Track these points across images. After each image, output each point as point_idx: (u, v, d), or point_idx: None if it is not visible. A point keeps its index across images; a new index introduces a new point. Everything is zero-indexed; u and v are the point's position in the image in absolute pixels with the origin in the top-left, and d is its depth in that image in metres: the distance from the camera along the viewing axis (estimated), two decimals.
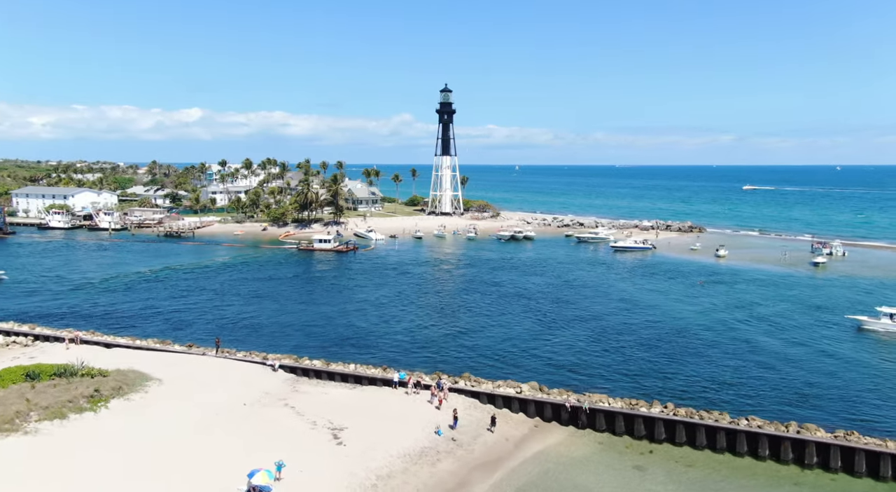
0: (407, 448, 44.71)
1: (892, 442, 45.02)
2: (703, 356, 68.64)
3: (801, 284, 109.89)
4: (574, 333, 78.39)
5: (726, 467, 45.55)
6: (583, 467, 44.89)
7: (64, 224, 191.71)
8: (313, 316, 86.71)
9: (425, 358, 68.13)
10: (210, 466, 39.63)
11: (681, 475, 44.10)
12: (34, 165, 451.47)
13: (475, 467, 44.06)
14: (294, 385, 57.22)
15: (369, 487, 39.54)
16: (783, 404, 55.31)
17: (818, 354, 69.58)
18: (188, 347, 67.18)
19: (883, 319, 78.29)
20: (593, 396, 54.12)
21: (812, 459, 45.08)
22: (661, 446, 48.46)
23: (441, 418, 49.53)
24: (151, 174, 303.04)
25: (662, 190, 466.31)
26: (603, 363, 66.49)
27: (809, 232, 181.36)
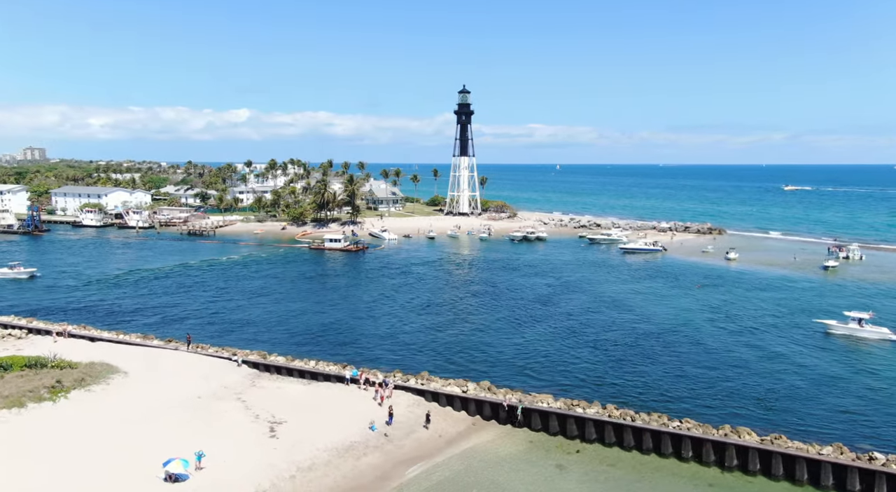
0: (336, 442, 46.75)
1: (812, 447, 45.21)
2: (661, 360, 68.81)
3: (803, 288, 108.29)
4: (549, 334, 79.35)
5: (649, 467, 46.35)
6: (505, 465, 46.23)
7: (96, 222, 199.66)
8: (301, 313, 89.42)
9: (398, 356, 69.95)
10: (138, 454, 42.25)
11: (599, 475, 45.12)
12: (84, 165, 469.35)
13: (400, 462, 45.80)
14: (254, 380, 59.82)
15: (287, 478, 41.67)
16: (725, 407, 55.68)
17: (776, 358, 69.26)
18: (167, 341, 70.45)
19: (850, 323, 77.62)
20: (538, 396, 55.28)
21: (732, 461, 45.59)
22: (591, 446, 49.44)
23: (379, 414, 51.44)
24: (187, 174, 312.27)
25: (696, 190, 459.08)
26: (564, 364, 67.46)
27: (835, 235, 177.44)
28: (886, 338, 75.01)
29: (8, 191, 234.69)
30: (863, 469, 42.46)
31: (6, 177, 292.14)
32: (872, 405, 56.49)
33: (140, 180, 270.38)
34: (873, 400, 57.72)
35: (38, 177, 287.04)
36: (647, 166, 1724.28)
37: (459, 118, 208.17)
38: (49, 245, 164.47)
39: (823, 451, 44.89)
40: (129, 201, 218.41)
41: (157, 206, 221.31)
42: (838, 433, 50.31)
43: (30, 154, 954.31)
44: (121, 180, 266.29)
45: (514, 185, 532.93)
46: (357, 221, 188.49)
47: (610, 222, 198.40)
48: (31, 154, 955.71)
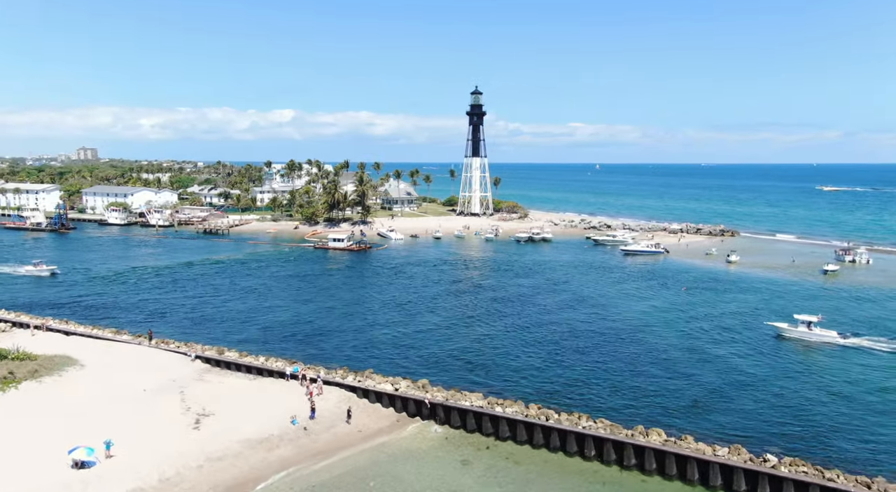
0: (253, 434, 49.17)
1: (711, 447, 45.87)
2: (607, 360, 69.81)
3: (791, 292, 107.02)
4: (510, 333, 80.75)
5: (552, 465, 47.60)
6: (411, 459, 48.00)
7: (120, 221, 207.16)
8: (280, 311, 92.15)
9: (359, 353, 72.21)
10: (61, 443, 45.09)
11: (499, 470, 46.55)
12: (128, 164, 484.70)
13: (311, 455, 47.96)
14: (202, 375, 62.73)
15: (194, 467, 44.21)
16: (648, 407, 56.54)
17: (715, 360, 69.85)
18: (136, 337, 73.92)
19: (800, 327, 77.57)
20: (469, 394, 56.79)
21: (630, 461, 46.60)
22: (504, 444, 50.87)
23: (306, 409, 53.69)
24: (215, 173, 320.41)
25: (729, 190, 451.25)
26: (514, 363, 68.83)
27: (849, 238, 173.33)
28: (833, 341, 74.88)
29: (42, 190, 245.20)
30: (748, 470, 43.12)
31: (51, 177, 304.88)
32: (795, 407, 56.80)
33: (169, 180, 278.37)
34: (795, 402, 58.11)
35: (74, 177, 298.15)
36: (690, 166, 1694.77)
37: (471, 119, 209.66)
38: (72, 242, 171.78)
39: (719, 452, 45.59)
40: (153, 201, 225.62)
41: (181, 205, 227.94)
42: (746, 434, 51.00)
43: (83, 154, 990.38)
44: (150, 180, 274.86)
45: (542, 184, 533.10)
46: (367, 220, 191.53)
47: (621, 224, 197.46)
48: (84, 154, 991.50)
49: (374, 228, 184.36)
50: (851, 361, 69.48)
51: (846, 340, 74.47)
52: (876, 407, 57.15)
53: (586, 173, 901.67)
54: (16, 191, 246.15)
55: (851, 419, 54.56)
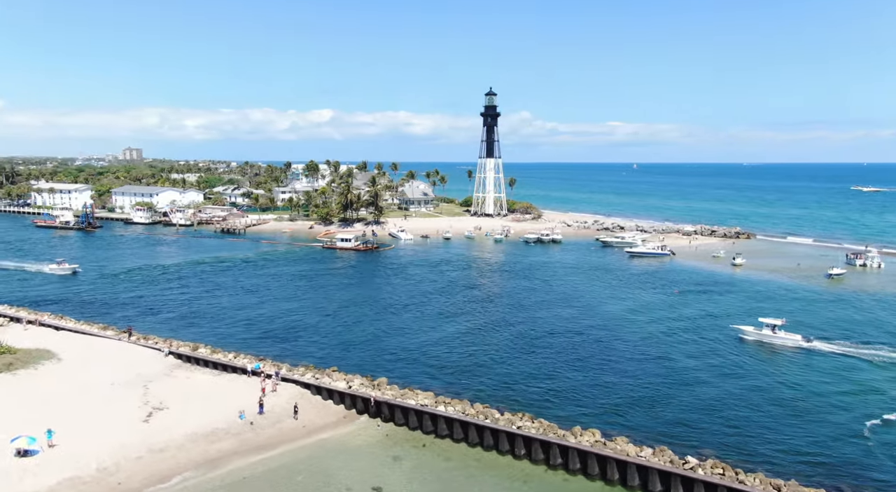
0: (200, 428, 51.50)
1: (640, 449, 46.64)
2: (572, 361, 70.72)
3: (787, 296, 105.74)
4: (485, 334, 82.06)
5: (482, 463, 48.91)
6: (346, 454, 49.74)
7: (144, 220, 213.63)
8: (274, 310, 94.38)
9: (333, 352, 74.21)
10: (13, 432, 48.06)
11: (428, 467, 48.02)
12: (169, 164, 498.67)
13: (252, 448, 50.05)
14: (172, 370, 65.46)
15: (133, 458, 46.65)
16: (596, 408, 57.41)
17: (673, 363, 70.53)
18: (121, 332, 77.07)
19: (764, 330, 77.56)
20: (421, 393, 58.31)
21: (556, 460, 47.65)
22: (442, 441, 52.31)
23: (257, 404, 55.85)
24: (243, 174, 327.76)
25: (761, 191, 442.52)
26: (480, 362, 70.21)
27: (866, 241, 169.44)
28: (797, 345, 74.77)
29: (75, 190, 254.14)
30: (662, 471, 43.87)
31: (86, 177, 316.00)
32: (735, 409, 57.26)
33: (196, 181, 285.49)
34: (737, 404, 58.59)
35: (108, 177, 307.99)
36: (731, 165, 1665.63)
37: (485, 120, 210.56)
38: (96, 240, 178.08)
39: (643, 453, 46.34)
40: (177, 201, 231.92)
41: (204, 205, 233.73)
42: (680, 435, 51.80)
43: (128, 154, 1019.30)
44: (177, 180, 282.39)
45: (569, 184, 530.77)
46: (380, 221, 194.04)
47: (634, 225, 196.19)
48: (130, 154, 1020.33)
49: (387, 229, 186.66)
50: (806, 365, 69.60)
51: (809, 344, 74.41)
52: (814, 411, 57.46)
53: (620, 173, 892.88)
54: (50, 190, 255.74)
55: (788, 422, 54.94)
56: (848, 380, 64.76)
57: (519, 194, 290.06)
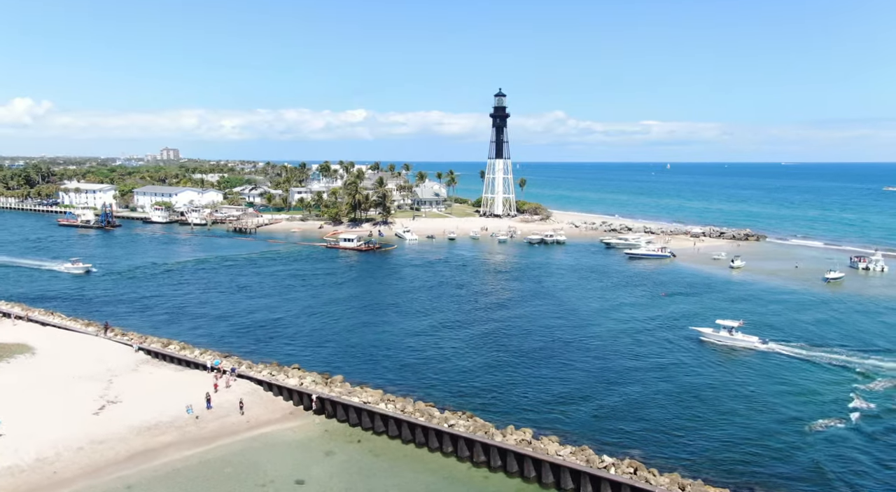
0: (145, 421, 53.72)
1: (566, 447, 47.42)
2: (526, 362, 71.73)
3: (773, 299, 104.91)
4: (453, 335, 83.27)
5: (410, 459, 50.27)
6: (280, 449, 51.47)
7: (162, 219, 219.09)
8: (258, 308, 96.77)
9: (304, 351, 76.06)
10: None
11: (356, 462, 49.49)
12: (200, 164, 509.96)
13: (191, 442, 52.06)
14: (138, 365, 68.03)
15: (74, 449, 48.99)
16: (539, 407, 58.38)
17: (627, 363, 71.64)
18: (103, 328, 79.97)
19: (721, 331, 78.00)
20: (373, 391, 59.80)
21: (479, 457, 48.85)
22: (378, 438, 53.78)
23: (214, 400, 57.91)
24: (264, 173, 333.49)
25: (789, 191, 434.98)
26: (439, 362, 71.58)
27: (884, 243, 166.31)
28: (753, 346, 75.12)
29: (99, 190, 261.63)
30: (573, 469, 44.80)
31: (119, 177, 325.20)
32: (678, 410, 57.67)
33: (217, 181, 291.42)
34: (680, 405, 59.12)
35: (134, 177, 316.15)
36: (769, 165, 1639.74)
37: (495, 121, 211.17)
38: (113, 239, 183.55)
39: (562, 452, 47.14)
40: (195, 201, 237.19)
41: (220, 205, 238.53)
42: (608, 435, 52.56)
43: (165, 154, 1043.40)
44: (199, 180, 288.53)
45: (589, 184, 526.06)
46: (388, 221, 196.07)
47: (642, 226, 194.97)
48: (167, 154, 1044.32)
49: (394, 229, 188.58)
50: (755, 367, 70.19)
51: (765, 346, 74.86)
52: (746, 412, 58.12)
53: (650, 173, 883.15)
54: (76, 190, 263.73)
55: (719, 422, 55.69)
56: (790, 383, 65.17)
57: (537, 194, 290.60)
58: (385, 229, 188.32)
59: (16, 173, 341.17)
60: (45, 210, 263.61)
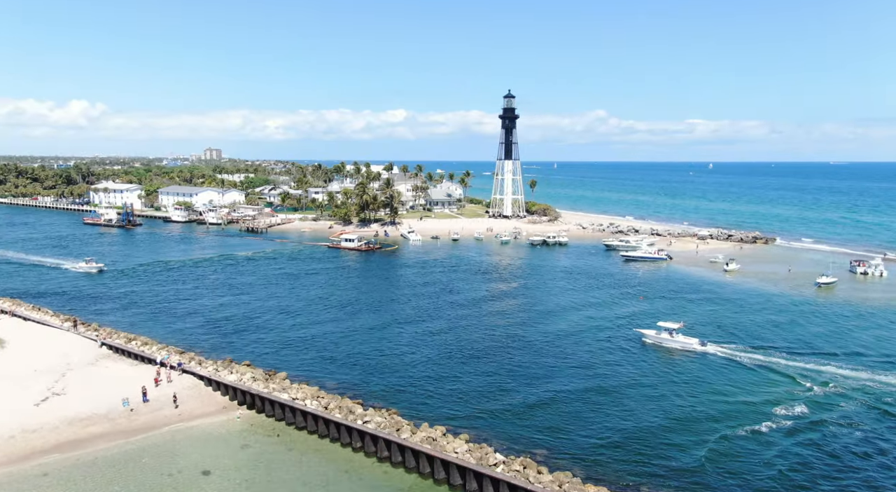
0: (80, 413, 56.92)
1: (470, 446, 48.89)
2: (472, 363, 73.20)
3: (749, 303, 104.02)
4: (415, 335, 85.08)
5: (321, 453, 52.40)
6: (201, 440, 54.00)
7: (182, 218, 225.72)
8: (238, 306, 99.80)
9: (263, 348, 78.70)
10: None
11: (268, 454, 51.72)
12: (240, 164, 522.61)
13: (120, 433, 54.98)
14: (98, 360, 71.55)
15: (6, 437, 52.32)
16: (465, 406, 59.99)
17: (561, 364, 73.18)
18: (75, 322, 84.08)
19: (662, 333, 78.74)
20: (308, 388, 62.07)
21: (383, 453, 50.78)
22: (298, 433, 55.99)
23: (154, 393, 60.90)
24: (288, 173, 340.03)
25: (820, 192, 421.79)
26: (388, 361, 73.52)
27: (884, 247, 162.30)
28: (692, 348, 75.80)
29: (126, 190, 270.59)
30: (459, 466, 46.55)
31: (153, 177, 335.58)
32: (595, 410, 58.64)
33: (240, 181, 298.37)
34: (599, 406, 60.02)
35: (162, 177, 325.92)
36: (817, 164, 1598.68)
37: (504, 122, 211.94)
38: (130, 237, 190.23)
39: (459, 450, 48.72)
40: (215, 200, 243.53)
41: (239, 204, 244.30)
42: (523, 433, 53.81)
43: (209, 154, 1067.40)
44: (226, 180, 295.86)
45: (614, 185, 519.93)
46: (395, 221, 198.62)
47: (649, 228, 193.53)
48: (210, 154, 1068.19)
49: (401, 229, 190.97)
50: (686, 368, 71.21)
51: (703, 348, 75.51)
52: (662, 413, 58.97)
53: (688, 173, 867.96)
54: (105, 190, 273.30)
55: (631, 423, 56.55)
56: (714, 384, 66.16)
57: (556, 195, 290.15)
58: (391, 230, 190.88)
59: (58, 174, 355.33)
60: (77, 209, 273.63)
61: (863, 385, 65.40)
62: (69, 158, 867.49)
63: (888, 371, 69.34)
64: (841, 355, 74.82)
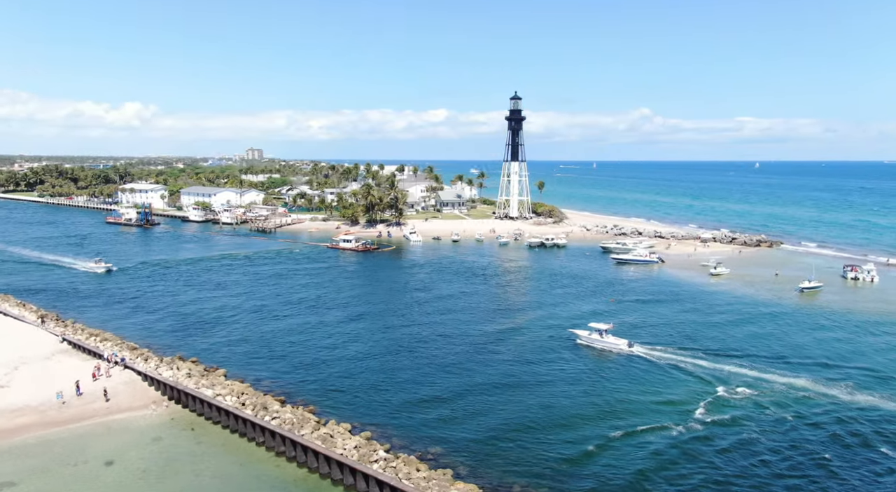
0: (11, 404, 60.62)
1: (351, 441, 50.87)
2: (401, 362, 75.02)
3: (722, 309, 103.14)
4: (364, 336, 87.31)
5: (226, 446, 54.95)
6: (118, 432, 56.94)
7: (198, 218, 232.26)
8: (214, 306, 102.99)
9: (220, 347, 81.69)
10: None
11: (175, 447, 54.38)
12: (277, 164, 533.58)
13: (46, 424, 58.27)
14: (54, 354, 75.43)
15: None
16: (384, 405, 62.06)
17: (486, 363, 75.09)
18: (53, 320, 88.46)
19: (593, 334, 79.95)
20: (239, 385, 64.83)
21: (279, 448, 53.21)
22: (214, 427, 58.68)
23: (85, 386, 64.36)
24: (312, 174, 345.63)
25: (850, 193, 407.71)
26: (325, 361, 75.93)
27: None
28: (619, 349, 77.05)
29: (150, 190, 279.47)
30: (340, 462, 48.64)
31: (185, 177, 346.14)
32: (500, 410, 59.85)
33: (262, 181, 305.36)
34: (506, 407, 61.17)
35: (191, 177, 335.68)
36: (870, 164, 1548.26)
37: (510, 124, 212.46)
38: (146, 235, 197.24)
39: (347, 445, 50.72)
40: (232, 201, 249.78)
41: (253, 205, 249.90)
42: (427, 433, 55.56)
43: (250, 154, 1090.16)
44: (247, 181, 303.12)
45: (633, 185, 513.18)
46: (400, 222, 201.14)
47: (653, 230, 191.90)
48: (252, 154, 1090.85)
49: (405, 230, 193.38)
50: (605, 368, 72.68)
51: (630, 349, 76.69)
52: (564, 412, 60.48)
53: (728, 173, 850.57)
54: (131, 190, 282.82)
55: (523, 419, 58.24)
56: (628, 385, 67.39)
57: (573, 195, 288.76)
58: (395, 230, 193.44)
59: (96, 174, 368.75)
60: (105, 208, 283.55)
61: (775, 390, 65.64)
62: (119, 159, 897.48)
63: (809, 376, 69.34)
64: (771, 360, 74.91)
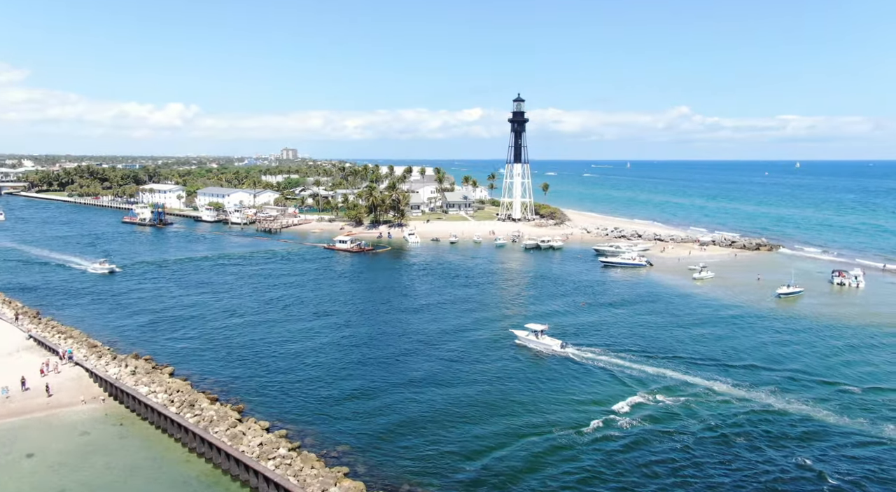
0: None
1: (258, 439, 52.93)
2: (344, 362, 76.90)
3: (689, 313, 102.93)
4: (322, 336, 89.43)
5: (146, 440, 57.47)
6: (51, 427, 59.76)
7: (211, 218, 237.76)
8: (188, 305, 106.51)
9: (183, 346, 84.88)
10: None
11: (98, 441, 57.01)
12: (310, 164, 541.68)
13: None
14: (18, 351, 79.05)
15: None
16: (308, 402, 64.12)
17: (425, 361, 77.57)
18: (34, 318, 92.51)
19: (529, 335, 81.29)
20: (180, 382, 67.57)
21: (192, 443, 55.61)
22: (142, 422, 61.32)
23: (31, 382, 67.69)
24: (328, 175, 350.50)
25: (878, 194, 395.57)
26: (270, 361, 78.42)
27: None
28: (552, 350, 78.44)
29: (168, 190, 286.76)
30: (237, 459, 50.65)
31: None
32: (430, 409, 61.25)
33: (279, 182, 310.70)
34: (433, 407, 62.46)
35: (212, 177, 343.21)
36: None
37: (513, 126, 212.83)
38: (158, 235, 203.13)
39: (252, 443, 52.83)
40: (245, 201, 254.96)
41: (265, 205, 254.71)
42: (338, 430, 57.56)
43: (285, 154, 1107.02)
44: (263, 181, 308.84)
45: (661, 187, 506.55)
46: (401, 223, 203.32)
47: (652, 233, 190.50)
48: (287, 154, 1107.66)
49: (405, 232, 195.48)
50: (533, 368, 74.54)
51: (563, 350, 77.97)
52: (478, 409, 62.02)
53: (762, 173, 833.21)
54: (150, 190, 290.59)
55: (438, 418, 59.64)
56: (551, 385, 68.97)
57: (583, 195, 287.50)
58: (395, 232, 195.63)
59: (126, 174, 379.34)
60: (126, 207, 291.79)
61: (692, 392, 66.26)
62: (158, 158, 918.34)
63: (732, 380, 69.81)
64: (703, 363, 75.45)
